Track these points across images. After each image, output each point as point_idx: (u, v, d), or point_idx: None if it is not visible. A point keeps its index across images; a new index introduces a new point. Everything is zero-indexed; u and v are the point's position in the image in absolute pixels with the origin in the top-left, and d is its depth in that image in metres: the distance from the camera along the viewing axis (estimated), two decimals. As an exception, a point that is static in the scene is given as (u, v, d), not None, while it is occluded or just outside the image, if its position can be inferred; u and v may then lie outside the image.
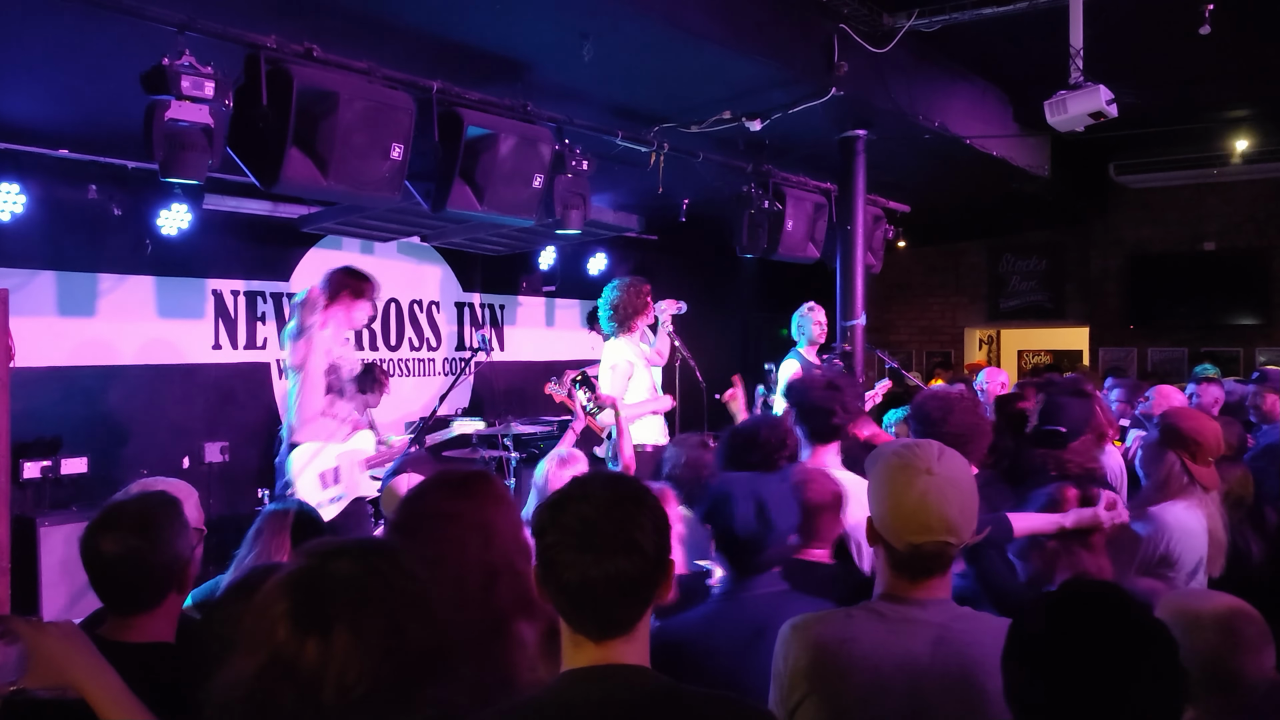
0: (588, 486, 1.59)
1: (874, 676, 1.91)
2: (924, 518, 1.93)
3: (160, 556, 2.17)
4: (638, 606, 1.56)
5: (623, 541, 1.52)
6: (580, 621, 1.56)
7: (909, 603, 1.97)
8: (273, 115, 3.98)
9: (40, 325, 6.06)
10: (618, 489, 1.59)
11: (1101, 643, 1.52)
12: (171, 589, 2.21)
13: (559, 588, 1.53)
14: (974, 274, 12.74)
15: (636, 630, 1.57)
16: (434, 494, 2.05)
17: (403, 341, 8.29)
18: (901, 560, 1.97)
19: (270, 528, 3.08)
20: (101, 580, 2.17)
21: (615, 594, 1.52)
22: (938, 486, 1.94)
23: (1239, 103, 8.58)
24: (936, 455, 1.99)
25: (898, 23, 5.88)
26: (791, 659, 1.98)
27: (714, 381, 7.13)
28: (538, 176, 5.10)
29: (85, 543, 2.17)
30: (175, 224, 6.32)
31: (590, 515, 1.53)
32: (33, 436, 5.89)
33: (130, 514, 2.20)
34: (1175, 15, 5.44)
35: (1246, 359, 10.64)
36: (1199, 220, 11.17)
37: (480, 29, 4.62)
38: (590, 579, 1.51)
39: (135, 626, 2.18)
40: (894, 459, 2.00)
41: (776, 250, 7.05)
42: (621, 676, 1.55)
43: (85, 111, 5.31)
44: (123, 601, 2.19)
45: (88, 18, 3.77)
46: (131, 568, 2.14)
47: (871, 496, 2.04)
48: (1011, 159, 8.13)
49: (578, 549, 1.52)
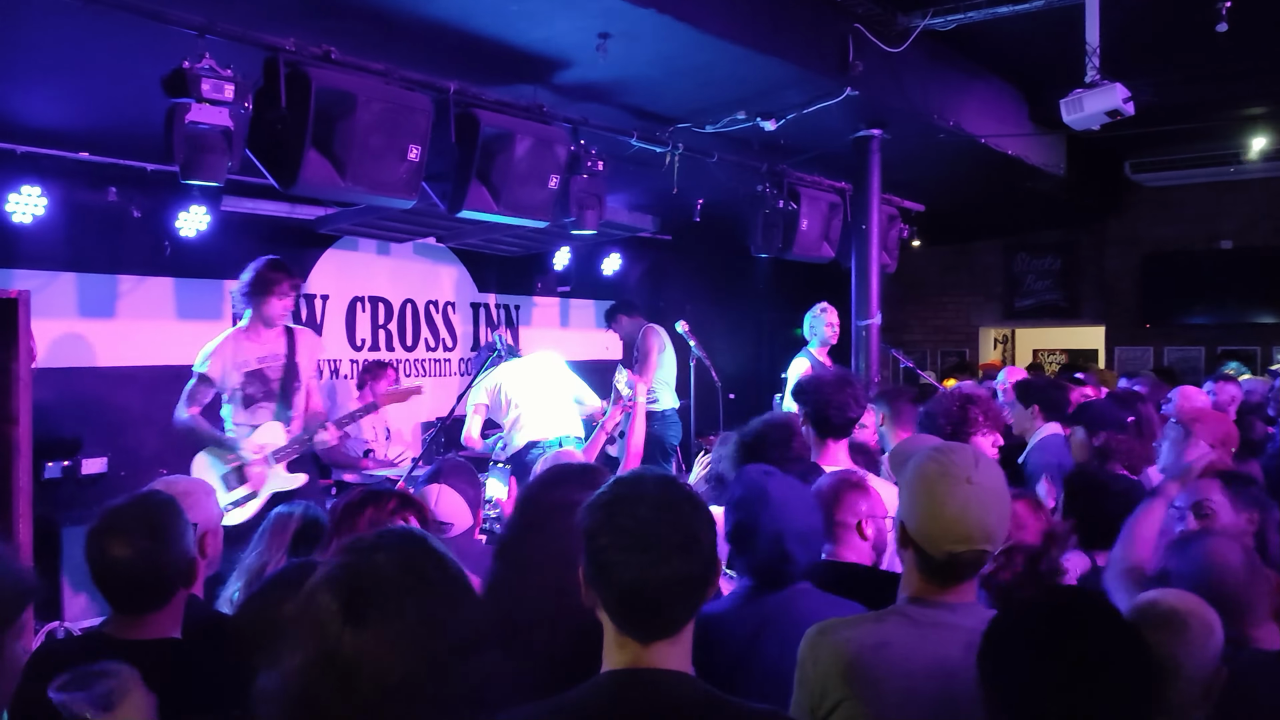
0: (640, 487, 1.57)
1: (908, 682, 1.90)
2: (964, 527, 1.92)
3: (170, 556, 2.20)
4: (689, 608, 1.56)
5: (679, 542, 1.51)
6: (631, 623, 1.54)
7: (938, 606, 1.97)
8: (291, 117, 4.01)
9: (61, 327, 6.11)
10: (670, 490, 1.58)
11: (1072, 646, 1.54)
12: (180, 585, 2.24)
13: (612, 589, 1.52)
14: (989, 273, 12.69)
15: (683, 633, 1.57)
16: (559, 486, 2.06)
17: (418, 342, 8.32)
18: (936, 566, 1.96)
19: (274, 530, 3.10)
20: (112, 584, 2.19)
21: (670, 595, 1.52)
22: (978, 496, 1.93)
23: (1256, 100, 8.53)
24: (974, 463, 1.97)
25: (912, 22, 5.87)
26: (822, 664, 1.97)
27: (729, 381, 7.15)
28: (554, 177, 5.11)
29: (92, 548, 2.18)
30: (194, 226, 6.37)
31: (646, 516, 1.52)
32: (53, 437, 5.94)
33: (135, 517, 2.21)
34: (1192, 13, 5.42)
35: (1264, 357, 10.58)
36: (1216, 218, 11.09)
37: (498, 30, 4.64)
38: (647, 580, 1.50)
39: (144, 624, 2.20)
40: (932, 465, 1.98)
41: (791, 250, 7.05)
42: (665, 682, 1.53)
43: (105, 115, 5.35)
44: (133, 603, 2.21)
45: (108, 21, 3.79)
46: (143, 570, 2.16)
47: (906, 502, 2.02)
48: (1027, 158, 8.11)
49: (634, 549, 1.50)
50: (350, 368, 7.71)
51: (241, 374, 5.22)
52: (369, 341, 7.91)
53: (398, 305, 8.13)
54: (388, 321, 8.06)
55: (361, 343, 7.84)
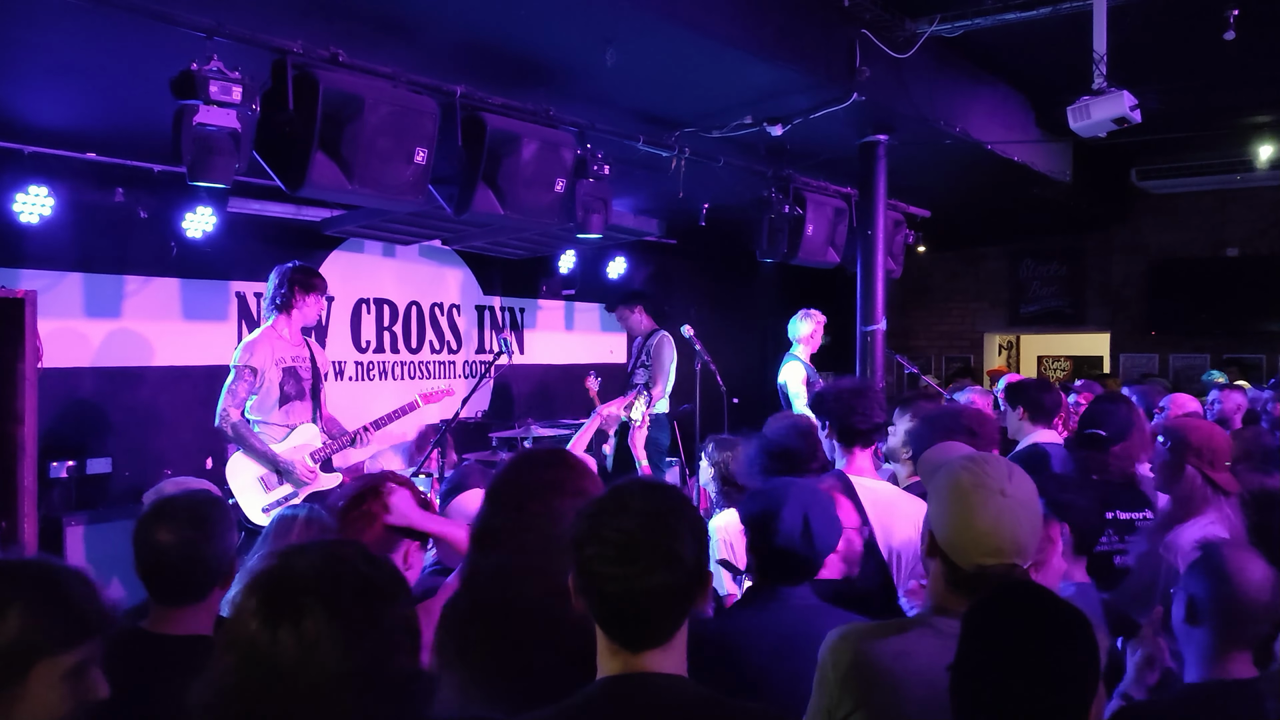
0: (626, 497, 1.59)
1: (928, 692, 1.86)
2: (996, 541, 1.90)
3: (213, 549, 2.25)
4: (676, 618, 1.57)
5: (662, 554, 1.52)
6: (619, 632, 1.56)
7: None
8: (299, 120, 4.02)
9: (67, 327, 6.13)
10: (656, 500, 1.59)
11: (1008, 638, 1.57)
12: (217, 583, 2.28)
13: (600, 600, 1.54)
14: (994, 279, 12.68)
15: (674, 641, 1.58)
16: (530, 468, 2.08)
17: (423, 344, 8.33)
18: (963, 578, 1.94)
19: (277, 533, 3.11)
20: (155, 570, 2.24)
21: (655, 606, 1.53)
22: (1011, 509, 1.91)
23: (1263, 109, 8.52)
24: (1008, 475, 1.95)
25: (919, 28, 5.87)
26: (842, 668, 1.96)
27: (733, 386, 7.14)
28: (560, 180, 5.12)
29: (140, 533, 2.24)
30: (200, 227, 6.37)
31: (630, 528, 1.53)
32: (58, 437, 5.96)
33: (183, 507, 2.28)
34: (1200, 21, 5.41)
35: (1270, 365, 10.57)
36: (1222, 226, 11.08)
37: (505, 34, 4.64)
38: (631, 591, 1.52)
39: (179, 619, 2.24)
40: (966, 476, 1.96)
41: (796, 255, 7.05)
42: (659, 685, 1.55)
43: (113, 115, 5.37)
44: (172, 593, 2.25)
45: (117, 23, 3.81)
46: (185, 558, 2.21)
47: (936, 511, 2.00)
48: (1033, 164, 8.10)
49: (618, 561, 1.52)
50: (355, 370, 7.72)
51: (280, 370, 5.28)
52: (374, 344, 7.91)
53: (403, 307, 8.14)
54: (393, 324, 8.07)
55: (366, 345, 7.85)
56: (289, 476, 5.24)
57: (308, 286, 5.37)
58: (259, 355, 5.22)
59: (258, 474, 5.22)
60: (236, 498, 5.16)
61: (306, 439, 5.37)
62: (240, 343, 5.39)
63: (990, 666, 1.56)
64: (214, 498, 2.41)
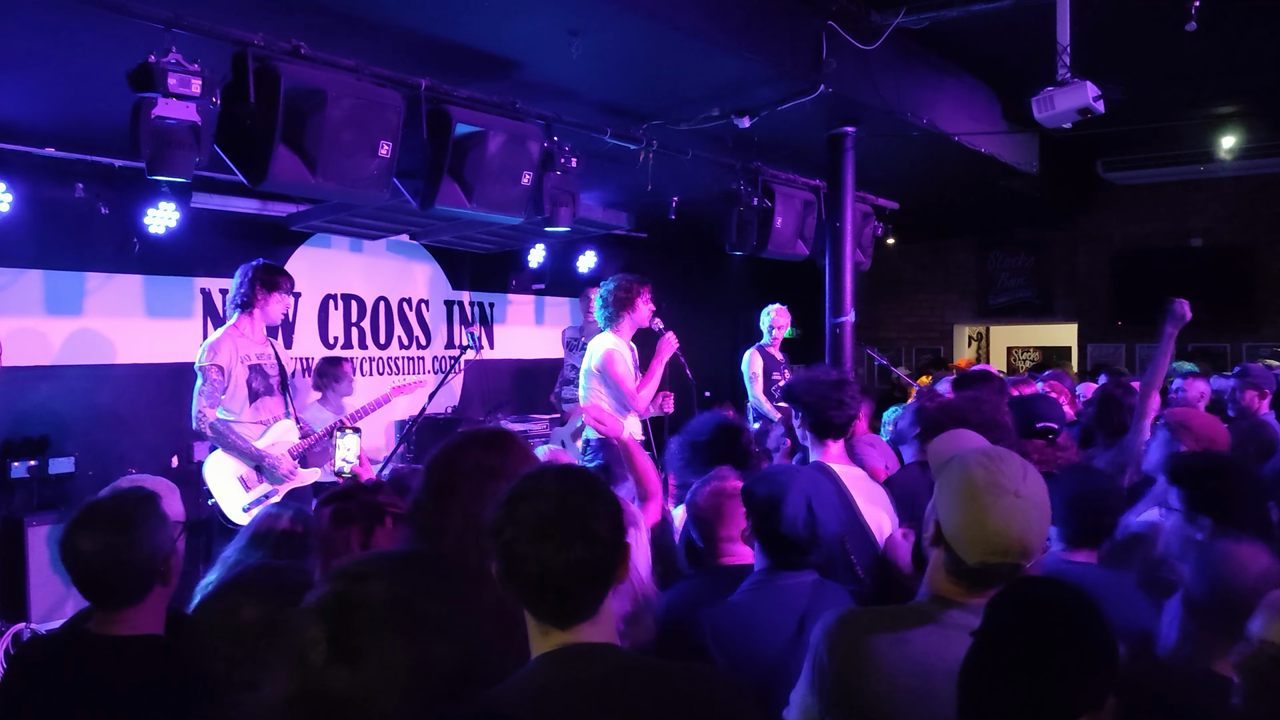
0: (540, 482, 1.63)
1: (922, 681, 1.87)
2: (1005, 540, 1.88)
3: (138, 552, 2.19)
4: (597, 591, 1.62)
5: (577, 531, 1.57)
6: (545, 611, 1.60)
7: (963, 608, 1.93)
8: (260, 113, 3.97)
9: (27, 324, 6.03)
10: (568, 482, 1.64)
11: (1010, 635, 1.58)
12: (155, 582, 2.24)
13: (522, 580, 1.58)
14: (963, 271, 12.76)
15: (600, 613, 1.63)
16: (471, 451, 2.06)
17: (392, 340, 8.27)
18: (966, 572, 1.93)
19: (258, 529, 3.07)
20: (81, 577, 2.20)
21: (573, 582, 1.58)
22: (1023, 510, 1.89)
23: (1226, 99, 8.62)
24: (1022, 475, 1.93)
25: (886, 20, 5.88)
26: (838, 653, 1.96)
27: (703, 378, 7.14)
28: (527, 174, 5.09)
29: (63, 542, 2.19)
30: (163, 222, 6.30)
31: (545, 509, 1.58)
32: (20, 436, 5.88)
33: (107, 512, 2.22)
34: (1162, 12, 5.46)
35: (1233, 353, 10.69)
36: (1186, 216, 11.22)
37: (469, 27, 4.61)
38: (550, 569, 1.56)
39: (122, 620, 2.21)
40: (980, 472, 1.93)
41: (765, 247, 7.06)
42: (594, 654, 1.59)
43: (71, 109, 5.28)
44: (105, 597, 2.21)
45: (73, 14, 3.75)
46: (110, 564, 2.16)
47: (946, 502, 1.98)
48: (1000, 156, 8.16)
49: (535, 540, 1.56)
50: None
51: (246, 367, 5.22)
52: (342, 339, 7.85)
53: (370, 303, 8.08)
54: (360, 319, 8.01)
55: (334, 341, 7.79)
56: (270, 473, 5.19)
57: (271, 285, 5.30)
58: (223, 354, 5.16)
59: (237, 473, 5.16)
60: (216, 498, 5.09)
61: (283, 434, 5.32)
62: (203, 343, 5.31)
63: (1007, 668, 1.55)
64: (143, 495, 2.31)
